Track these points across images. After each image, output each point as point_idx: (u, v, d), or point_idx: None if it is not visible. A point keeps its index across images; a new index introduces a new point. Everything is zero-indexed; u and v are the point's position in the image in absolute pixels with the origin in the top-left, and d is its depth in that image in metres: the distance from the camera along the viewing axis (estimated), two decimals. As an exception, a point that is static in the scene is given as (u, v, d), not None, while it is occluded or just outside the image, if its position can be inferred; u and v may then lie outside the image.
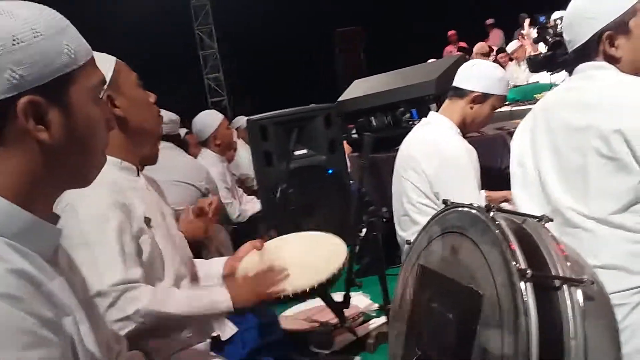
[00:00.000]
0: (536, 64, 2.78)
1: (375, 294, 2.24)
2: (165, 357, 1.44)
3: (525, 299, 0.88)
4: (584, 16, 1.48)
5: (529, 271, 0.89)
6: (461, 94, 2.38)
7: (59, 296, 0.78)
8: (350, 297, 1.96)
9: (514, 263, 0.91)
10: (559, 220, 1.42)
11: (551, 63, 2.78)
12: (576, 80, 1.54)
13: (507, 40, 9.71)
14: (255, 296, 1.46)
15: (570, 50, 1.54)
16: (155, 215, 1.52)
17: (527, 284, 0.89)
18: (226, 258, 1.79)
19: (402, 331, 1.23)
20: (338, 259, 1.57)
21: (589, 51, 1.48)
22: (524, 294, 0.88)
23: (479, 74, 2.37)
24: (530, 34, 6.96)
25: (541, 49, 4.31)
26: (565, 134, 1.48)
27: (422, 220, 1.29)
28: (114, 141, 1.46)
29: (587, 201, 1.41)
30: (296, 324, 1.96)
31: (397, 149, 2.56)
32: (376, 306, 2.23)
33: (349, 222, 2.17)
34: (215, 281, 1.73)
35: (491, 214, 1.02)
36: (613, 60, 1.46)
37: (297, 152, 3.18)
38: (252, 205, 3.80)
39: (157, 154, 1.72)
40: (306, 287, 1.46)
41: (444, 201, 1.20)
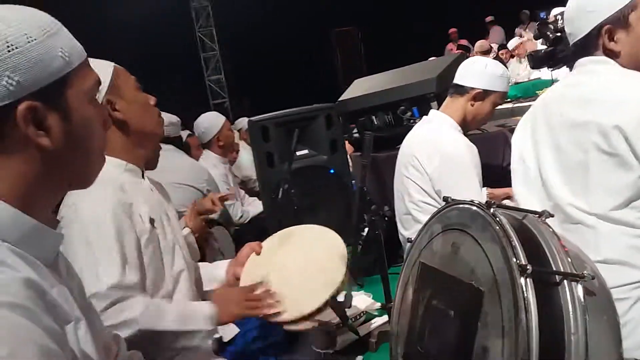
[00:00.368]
0: (537, 60, 2.77)
1: (377, 293, 2.23)
2: (168, 357, 1.44)
3: (525, 294, 0.87)
4: (584, 10, 1.47)
5: (529, 267, 0.89)
6: (462, 91, 2.38)
7: (61, 304, 0.78)
8: (352, 297, 1.95)
9: (514, 259, 0.91)
10: (559, 216, 1.42)
11: (552, 59, 2.77)
12: (576, 75, 1.54)
13: (507, 38, 9.71)
14: (243, 311, 1.48)
15: (571, 44, 1.53)
16: (159, 217, 1.53)
17: (528, 279, 0.88)
18: (229, 261, 1.80)
19: (404, 330, 1.22)
20: (337, 270, 1.57)
21: (589, 45, 1.47)
22: (524, 289, 0.88)
23: (479, 71, 2.37)
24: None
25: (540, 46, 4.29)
26: (565, 129, 1.47)
27: (424, 218, 1.29)
28: (118, 144, 1.48)
29: (587, 197, 1.41)
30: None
31: (399, 148, 2.55)
32: (378, 305, 2.22)
33: (350, 221, 2.16)
34: (216, 285, 1.73)
35: (492, 210, 1.02)
36: (612, 55, 1.46)
37: (299, 153, 3.17)
38: (254, 206, 3.81)
39: (157, 158, 1.73)
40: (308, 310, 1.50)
41: (445, 198, 1.19)
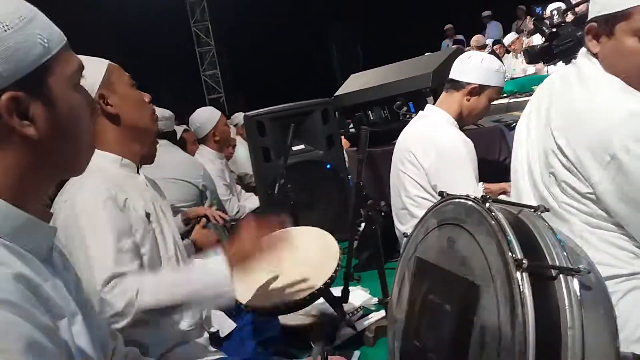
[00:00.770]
0: (533, 56, 2.76)
1: (374, 288, 2.23)
2: (164, 352, 1.44)
3: (521, 289, 0.87)
4: None
5: (525, 261, 0.89)
6: (458, 86, 2.38)
7: (55, 298, 0.77)
8: (349, 292, 1.95)
9: (510, 253, 0.91)
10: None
11: (548, 54, 2.76)
12: (570, 69, 1.50)
13: (504, 33, 9.71)
14: (255, 251, 1.31)
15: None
16: (154, 212, 1.53)
17: (524, 274, 0.88)
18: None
19: (401, 324, 1.22)
20: (330, 262, 1.58)
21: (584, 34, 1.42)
22: (520, 284, 0.88)
23: (475, 66, 2.36)
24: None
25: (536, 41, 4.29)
26: (543, 128, 1.47)
27: (420, 213, 1.28)
28: (112, 139, 1.49)
29: (562, 198, 1.41)
30: (295, 319, 1.96)
31: (395, 143, 2.55)
32: (375, 300, 2.22)
33: (347, 216, 2.16)
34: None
35: (487, 204, 1.02)
36: (592, 53, 1.40)
37: (295, 148, 3.16)
38: (250, 202, 3.80)
39: (155, 153, 1.73)
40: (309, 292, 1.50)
41: (440, 193, 1.19)
